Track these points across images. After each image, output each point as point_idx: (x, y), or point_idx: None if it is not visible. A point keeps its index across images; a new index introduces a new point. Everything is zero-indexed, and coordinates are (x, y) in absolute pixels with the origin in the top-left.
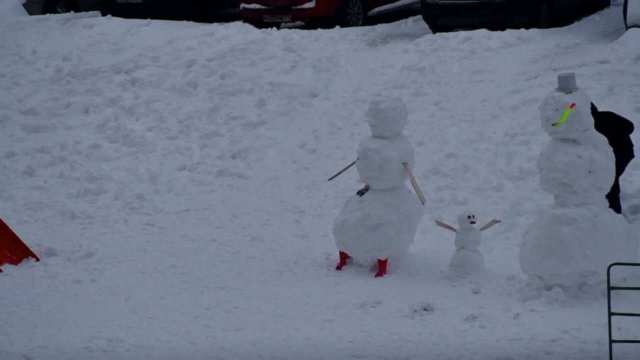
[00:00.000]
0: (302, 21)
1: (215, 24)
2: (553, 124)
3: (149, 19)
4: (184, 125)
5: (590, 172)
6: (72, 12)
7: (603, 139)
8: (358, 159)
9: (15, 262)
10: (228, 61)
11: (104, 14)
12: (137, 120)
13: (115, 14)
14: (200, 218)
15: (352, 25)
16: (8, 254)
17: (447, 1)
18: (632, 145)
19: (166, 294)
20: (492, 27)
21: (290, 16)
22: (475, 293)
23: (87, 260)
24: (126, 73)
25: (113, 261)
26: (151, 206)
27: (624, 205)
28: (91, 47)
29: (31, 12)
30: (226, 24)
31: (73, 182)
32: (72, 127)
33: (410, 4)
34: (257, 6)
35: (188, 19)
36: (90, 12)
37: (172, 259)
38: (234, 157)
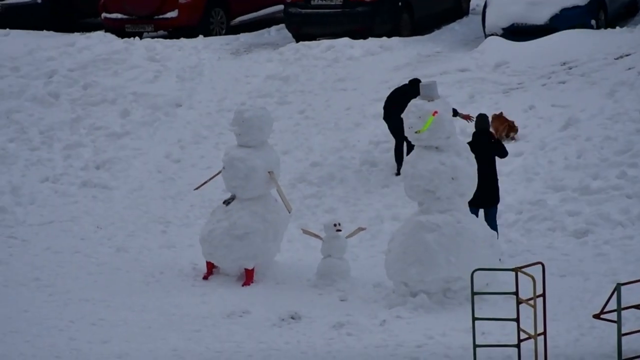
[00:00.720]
0: (164, 31)
1: (76, 33)
2: (416, 132)
3: (7, 29)
4: (46, 136)
5: (453, 178)
6: None
7: (465, 145)
8: (224, 168)
9: None
10: (90, 71)
11: None
12: None
13: None
14: (64, 230)
15: (216, 35)
16: None
17: (310, 10)
18: None
19: (30, 307)
20: (355, 35)
21: (152, 26)
22: (342, 301)
23: None
24: None
25: None
26: (13, 218)
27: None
28: None
29: None
30: (87, 34)
31: None
32: None
33: (273, 13)
34: (119, 16)
35: (48, 29)
36: None
37: (35, 271)
38: (98, 167)
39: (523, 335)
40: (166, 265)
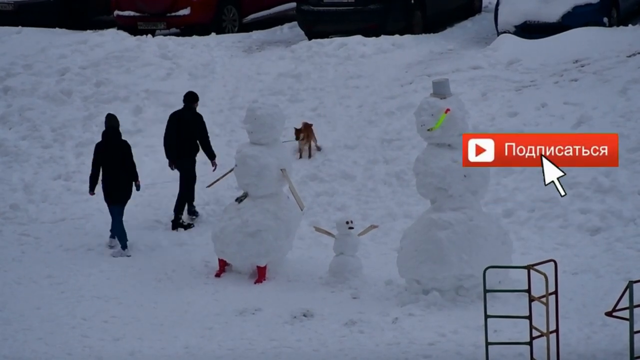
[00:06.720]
0: (177, 28)
1: (88, 31)
2: (429, 129)
3: (20, 27)
4: (58, 133)
5: (465, 176)
6: None
7: None
8: (236, 165)
9: None
10: (102, 69)
11: None
12: (10, 129)
13: None
14: (76, 227)
15: (228, 32)
16: None
17: (322, 8)
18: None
19: (42, 304)
20: (367, 33)
21: (165, 23)
22: (354, 298)
23: None
24: None
25: None
26: (26, 216)
27: (498, 209)
28: None
29: None
30: (100, 32)
31: None
32: None
33: (286, 10)
34: (132, 13)
35: (60, 27)
36: None
37: (47, 269)
38: None
39: (535, 333)
40: (178, 262)
